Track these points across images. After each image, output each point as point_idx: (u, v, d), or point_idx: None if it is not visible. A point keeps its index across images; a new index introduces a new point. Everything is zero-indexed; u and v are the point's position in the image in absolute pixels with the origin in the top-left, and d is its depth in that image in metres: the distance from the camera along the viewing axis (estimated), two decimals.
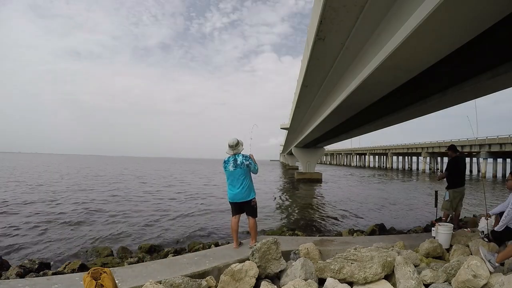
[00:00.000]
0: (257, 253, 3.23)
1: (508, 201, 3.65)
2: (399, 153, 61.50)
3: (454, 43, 3.94)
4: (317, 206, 12.77)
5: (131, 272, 3.21)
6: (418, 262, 3.59)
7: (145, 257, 5.20)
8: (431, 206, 10.22)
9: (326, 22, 4.71)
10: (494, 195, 17.37)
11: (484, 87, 5.91)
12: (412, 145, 53.39)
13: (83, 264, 4.44)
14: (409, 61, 4.72)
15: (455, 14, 3.21)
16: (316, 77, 8.06)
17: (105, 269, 2.49)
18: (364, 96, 7.32)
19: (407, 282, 2.81)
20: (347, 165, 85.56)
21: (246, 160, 4.08)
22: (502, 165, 39.52)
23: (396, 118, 10.41)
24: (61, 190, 15.65)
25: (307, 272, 3.09)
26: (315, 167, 28.27)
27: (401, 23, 3.97)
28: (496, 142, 34.21)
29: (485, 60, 5.03)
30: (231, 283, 2.88)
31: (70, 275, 3.34)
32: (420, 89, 7.04)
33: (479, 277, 2.68)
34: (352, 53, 6.02)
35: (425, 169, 48.96)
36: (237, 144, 4.13)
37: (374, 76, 5.48)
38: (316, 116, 13.42)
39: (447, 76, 6.00)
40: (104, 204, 11.67)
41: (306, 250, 3.77)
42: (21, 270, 4.06)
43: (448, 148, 5.67)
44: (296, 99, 12.56)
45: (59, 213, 9.74)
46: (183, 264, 3.47)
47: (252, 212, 4.20)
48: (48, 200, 12.36)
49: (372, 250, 3.34)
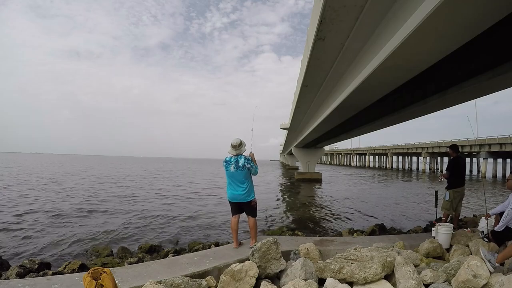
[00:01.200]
0: (257, 253, 3.23)
1: (508, 201, 3.65)
2: (399, 153, 61.49)
3: (454, 43, 3.94)
4: (317, 206, 12.77)
5: (131, 272, 3.21)
6: (418, 262, 3.59)
7: (145, 257, 5.20)
8: (431, 206, 10.23)
9: (326, 22, 4.71)
10: (494, 195, 17.37)
11: (484, 87, 5.90)
12: (412, 145, 53.37)
13: (83, 264, 4.43)
14: (409, 61, 4.72)
15: (455, 14, 3.21)
16: (316, 77, 8.06)
17: (105, 269, 2.49)
18: (364, 96, 7.32)
19: (407, 282, 2.81)
20: (347, 165, 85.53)
21: (247, 163, 4.06)
22: (502, 165, 39.51)
23: (396, 118, 10.40)
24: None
25: (307, 272, 3.09)
26: (315, 167, 28.28)
27: (401, 23, 3.97)
28: (496, 142, 34.21)
29: (485, 60, 5.02)
30: (231, 283, 2.88)
31: (70, 275, 3.33)
32: (420, 89, 7.04)
33: (479, 277, 2.68)
34: (352, 53, 6.02)
35: (425, 169, 48.94)
36: (240, 145, 4.11)
37: (374, 76, 5.48)
38: (316, 116, 13.42)
39: (447, 76, 6.00)
40: (103, 205, 11.68)
41: (306, 250, 3.77)
42: (21, 270, 4.05)
43: (449, 147, 5.66)
44: (296, 99, 12.56)
45: (59, 212, 9.75)
46: (183, 264, 3.47)
47: (252, 212, 4.20)
48: (48, 200, 12.37)
49: (372, 250, 3.34)
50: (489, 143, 34.99)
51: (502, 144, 33.57)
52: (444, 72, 5.71)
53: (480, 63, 5.15)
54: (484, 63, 5.10)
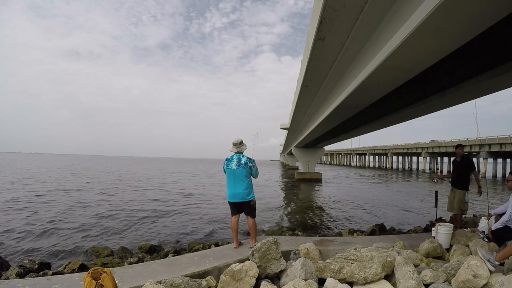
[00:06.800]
0: (257, 253, 3.23)
1: (509, 202, 3.65)
2: (399, 153, 61.49)
3: (454, 43, 3.94)
4: (317, 206, 12.77)
5: (131, 272, 3.21)
6: (418, 262, 3.59)
7: (145, 257, 5.20)
8: (431, 206, 10.23)
9: (326, 22, 4.71)
10: (495, 194, 17.36)
11: (484, 87, 5.90)
12: (412, 145, 53.38)
13: (83, 264, 4.44)
14: (409, 61, 4.72)
15: (455, 14, 3.21)
16: (316, 77, 8.06)
17: (105, 269, 2.49)
18: (364, 96, 7.32)
19: (407, 282, 2.81)
20: (347, 165, 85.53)
21: (250, 162, 4.17)
22: (502, 165, 39.52)
23: (396, 118, 10.40)
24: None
25: (307, 272, 3.09)
26: (315, 167, 28.28)
27: (401, 23, 3.97)
28: (496, 142, 34.22)
29: (485, 60, 5.02)
30: (231, 283, 2.88)
31: (70, 275, 3.33)
32: (420, 89, 7.04)
33: (479, 277, 2.68)
34: (352, 53, 6.02)
35: (425, 169, 48.91)
36: (241, 143, 4.26)
37: (374, 76, 5.48)
38: (316, 116, 13.42)
39: (447, 76, 6.00)
40: (104, 204, 11.68)
41: (306, 250, 3.77)
42: (21, 270, 4.05)
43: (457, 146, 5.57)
44: (296, 99, 12.56)
45: (59, 213, 9.75)
46: (183, 264, 3.47)
47: (251, 212, 4.21)
48: (49, 199, 12.37)
49: (372, 250, 3.34)
50: (489, 143, 35.00)
51: (502, 144, 33.58)
52: (444, 72, 5.70)
53: (480, 63, 5.15)
54: (484, 63, 5.11)
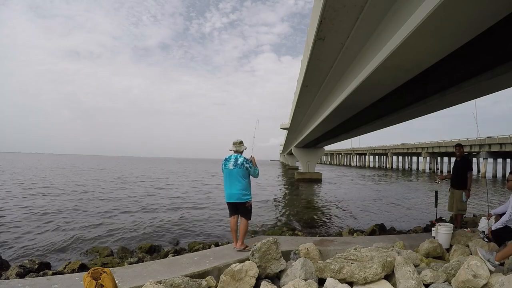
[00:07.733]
0: (257, 253, 3.23)
1: (509, 202, 3.65)
2: (399, 153, 61.47)
3: (454, 43, 3.94)
4: (317, 206, 12.77)
5: (131, 272, 3.21)
6: (418, 262, 3.59)
7: (145, 257, 5.20)
8: (431, 206, 10.23)
9: (326, 22, 4.71)
10: (495, 193, 17.36)
11: (484, 87, 5.90)
12: (412, 145, 53.36)
13: (83, 264, 4.44)
14: (409, 61, 4.72)
15: (455, 14, 3.21)
16: (316, 77, 8.06)
17: (105, 269, 2.49)
18: (364, 96, 7.32)
19: (407, 282, 2.81)
20: (347, 165, 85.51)
21: (246, 163, 4.16)
22: (502, 165, 39.49)
23: (396, 118, 10.41)
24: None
25: (307, 272, 3.09)
26: (315, 167, 28.27)
27: (401, 23, 3.97)
28: (496, 142, 34.20)
29: (485, 60, 5.03)
30: (231, 283, 2.88)
31: (70, 275, 3.34)
32: (420, 89, 7.04)
33: (479, 277, 2.68)
34: (352, 53, 6.02)
35: (425, 169, 48.91)
36: (241, 143, 4.31)
37: (374, 76, 5.48)
38: (316, 116, 13.42)
39: (447, 76, 6.01)
40: (104, 204, 11.68)
41: (306, 250, 3.77)
42: (21, 270, 4.06)
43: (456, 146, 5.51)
44: (296, 99, 12.56)
45: (60, 213, 9.74)
46: (183, 264, 3.47)
47: (246, 213, 4.19)
48: (49, 199, 12.37)
49: (372, 250, 3.34)
50: (489, 143, 34.97)
51: (502, 144, 33.56)
52: (444, 72, 5.70)
53: (480, 63, 5.15)
54: (484, 63, 5.11)
